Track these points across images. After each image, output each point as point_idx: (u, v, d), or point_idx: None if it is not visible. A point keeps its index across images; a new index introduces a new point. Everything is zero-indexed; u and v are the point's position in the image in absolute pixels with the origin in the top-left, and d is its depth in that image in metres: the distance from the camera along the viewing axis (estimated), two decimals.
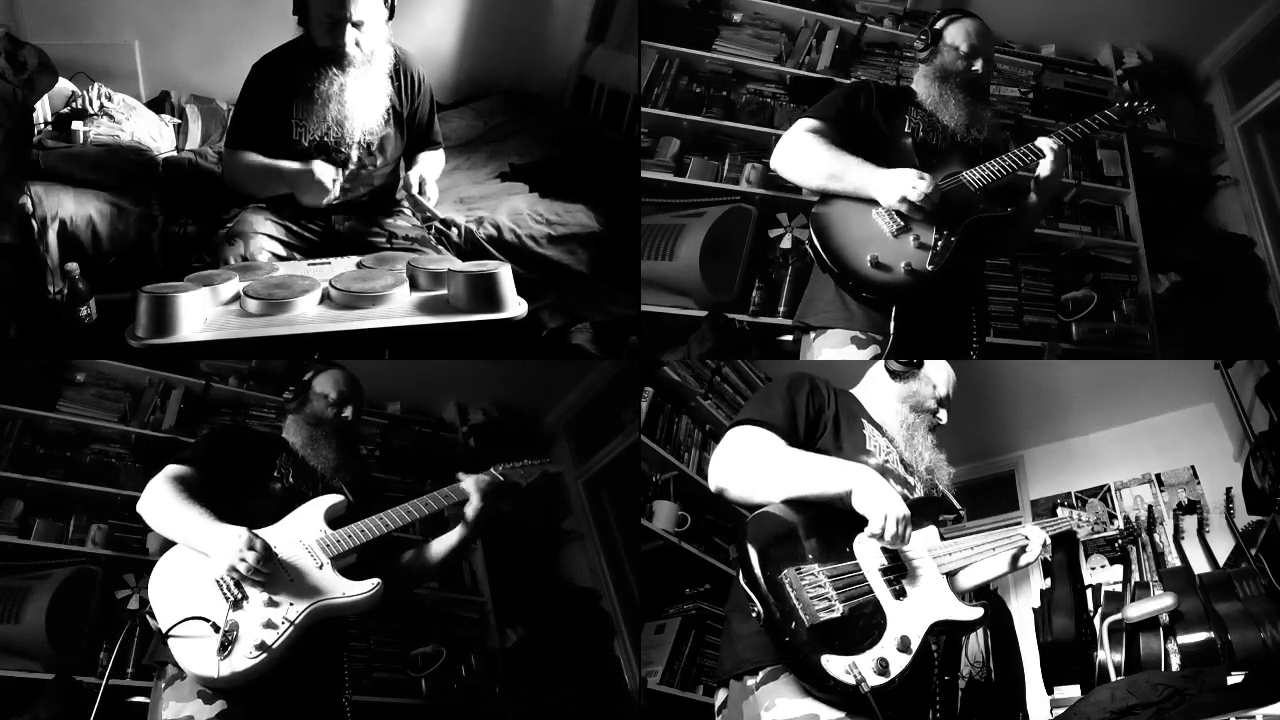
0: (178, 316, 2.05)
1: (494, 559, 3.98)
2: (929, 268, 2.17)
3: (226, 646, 1.71)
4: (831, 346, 2.29)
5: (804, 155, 2.30)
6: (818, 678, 1.49)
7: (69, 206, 2.82)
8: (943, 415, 2.02)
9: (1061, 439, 4.39)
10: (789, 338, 3.07)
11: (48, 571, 3.00)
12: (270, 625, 1.76)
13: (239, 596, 1.78)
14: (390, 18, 2.63)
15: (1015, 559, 1.94)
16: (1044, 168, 2.29)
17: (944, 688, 1.71)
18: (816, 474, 1.68)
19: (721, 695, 1.72)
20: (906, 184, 2.18)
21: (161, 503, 1.88)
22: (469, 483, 2.09)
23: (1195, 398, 3.88)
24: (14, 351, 2.71)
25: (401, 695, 3.50)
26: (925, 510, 1.80)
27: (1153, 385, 3.89)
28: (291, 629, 1.77)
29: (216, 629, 1.72)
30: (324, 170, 2.54)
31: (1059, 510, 2.39)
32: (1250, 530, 3.14)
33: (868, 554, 1.65)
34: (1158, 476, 3.99)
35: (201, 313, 2.11)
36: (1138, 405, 4.06)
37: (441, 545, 2.13)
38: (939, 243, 2.19)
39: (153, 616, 1.78)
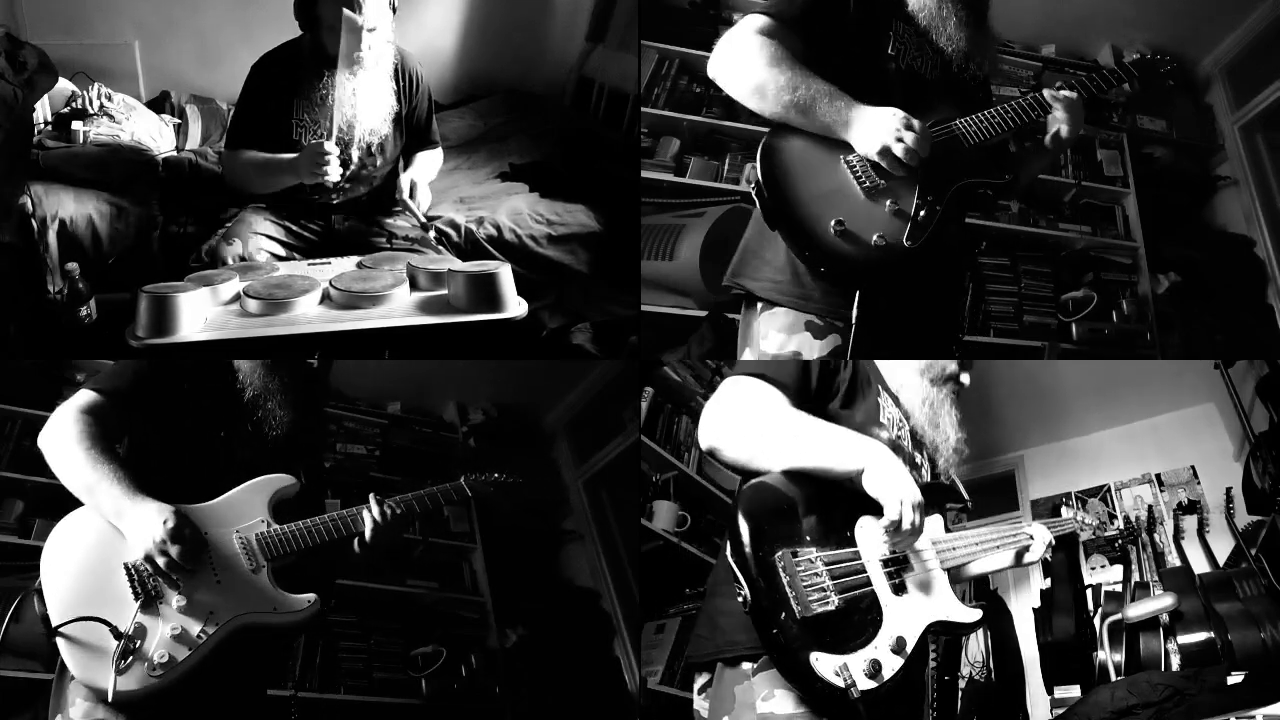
0: (178, 316, 2.04)
1: (494, 559, 3.98)
2: (906, 244, 1.76)
3: (126, 657, 1.43)
4: (781, 330, 1.87)
5: (756, 70, 1.81)
6: (804, 677, 1.34)
7: (69, 206, 2.81)
8: (965, 379, 1.79)
9: (1061, 439, 4.40)
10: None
11: None
12: (183, 639, 1.49)
13: (152, 593, 1.50)
14: (393, 16, 2.64)
15: (1019, 555, 1.85)
16: (1065, 124, 1.89)
17: (944, 687, 1.64)
18: (826, 447, 1.49)
19: (704, 677, 1.57)
20: (890, 132, 1.77)
21: (68, 447, 1.57)
22: (371, 510, 1.72)
23: (1195, 398, 3.89)
24: (14, 351, 2.70)
25: (401, 695, 3.50)
26: (931, 497, 1.62)
27: (1153, 385, 3.89)
28: (207, 643, 1.50)
29: (118, 635, 1.44)
30: (320, 144, 2.50)
31: (1062, 510, 2.36)
32: (1250, 530, 3.14)
33: (870, 541, 1.50)
34: (1158, 476, 3.99)
35: (201, 313, 2.11)
36: (1138, 405, 4.07)
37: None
38: (921, 212, 1.78)
39: (41, 599, 1.50)
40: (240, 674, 1.62)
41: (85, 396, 1.64)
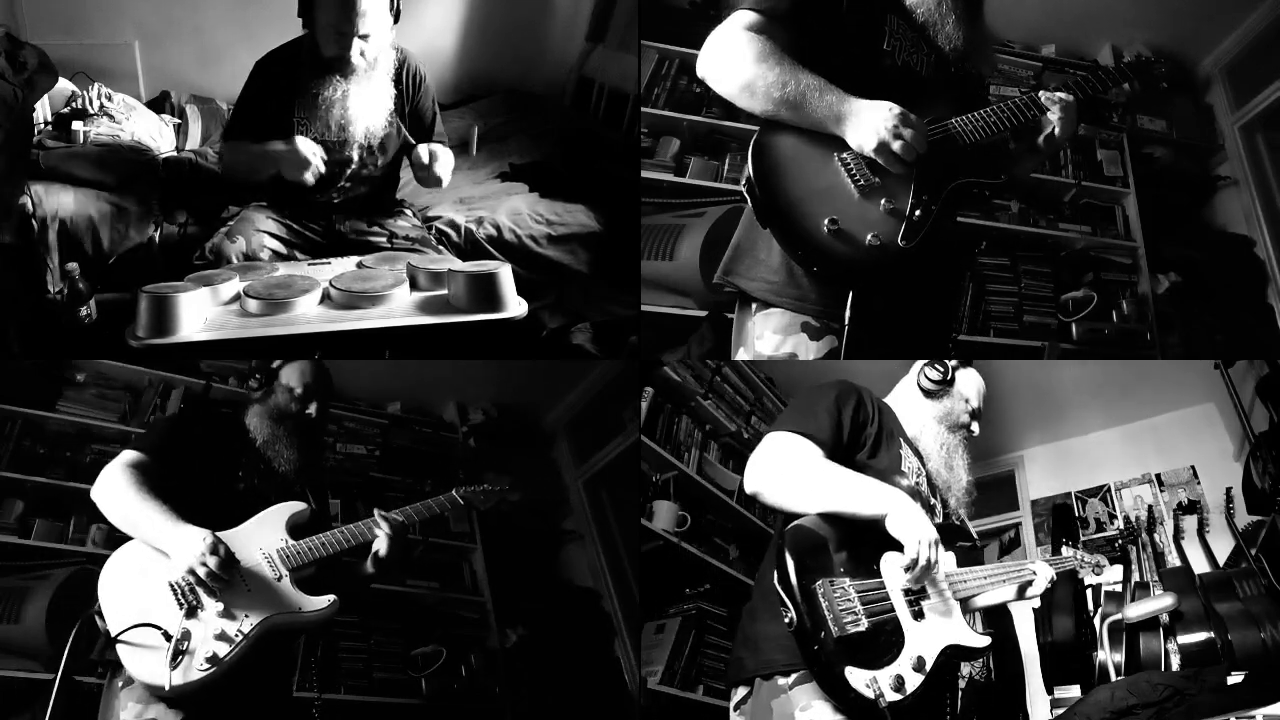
0: (178, 316, 2.05)
1: (494, 559, 3.98)
2: (901, 244, 1.73)
3: (178, 656, 1.66)
4: (777, 331, 1.89)
5: (744, 67, 1.77)
6: (840, 688, 1.52)
7: (69, 206, 2.82)
8: (975, 428, 1.99)
9: (1061, 439, 4.39)
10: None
11: (48, 571, 2.99)
12: (223, 637, 1.72)
13: (193, 604, 1.73)
14: (395, 22, 2.63)
15: (1022, 589, 1.96)
16: (1058, 126, 1.87)
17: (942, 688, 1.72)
18: (854, 494, 1.67)
19: (741, 692, 1.72)
20: (887, 127, 1.73)
21: (119, 493, 1.82)
22: (381, 527, 2.00)
23: (1195, 398, 3.88)
24: (14, 351, 2.71)
25: (401, 695, 3.50)
26: (945, 537, 1.82)
27: (1153, 385, 3.89)
28: (244, 642, 1.73)
29: (168, 637, 1.67)
30: (306, 145, 2.51)
31: (1063, 549, 2.42)
32: (1250, 530, 3.14)
33: (893, 574, 1.68)
34: (1158, 476, 3.99)
35: (201, 313, 2.11)
36: (1138, 405, 4.06)
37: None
38: (917, 211, 1.75)
39: (101, 617, 1.72)
40: (273, 668, 1.91)
41: (128, 455, 1.89)
